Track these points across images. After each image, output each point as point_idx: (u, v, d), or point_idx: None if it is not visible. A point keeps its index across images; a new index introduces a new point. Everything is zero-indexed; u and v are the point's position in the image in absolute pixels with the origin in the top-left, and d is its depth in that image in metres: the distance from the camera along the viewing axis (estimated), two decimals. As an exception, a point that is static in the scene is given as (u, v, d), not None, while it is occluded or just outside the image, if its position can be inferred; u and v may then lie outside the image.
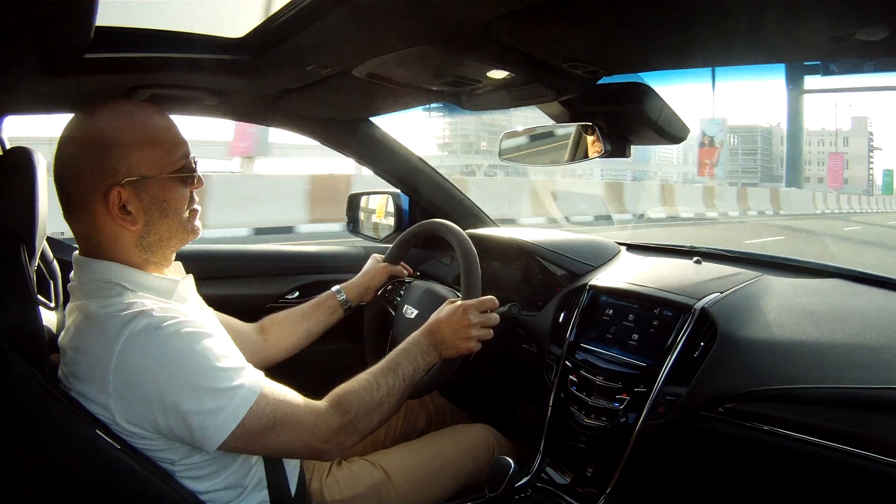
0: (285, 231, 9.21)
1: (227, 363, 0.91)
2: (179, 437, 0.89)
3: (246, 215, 8.86)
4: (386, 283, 1.60)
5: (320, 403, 0.99)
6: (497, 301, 1.25)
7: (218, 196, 8.43)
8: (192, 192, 1.01)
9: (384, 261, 1.60)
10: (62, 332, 0.96)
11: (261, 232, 8.95)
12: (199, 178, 1.01)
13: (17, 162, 0.98)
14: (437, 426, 1.54)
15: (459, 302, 1.24)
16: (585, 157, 1.28)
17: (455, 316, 1.20)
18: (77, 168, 0.92)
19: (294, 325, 1.42)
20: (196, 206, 1.02)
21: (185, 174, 0.98)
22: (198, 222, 1.03)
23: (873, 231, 16.93)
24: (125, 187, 0.92)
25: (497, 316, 1.25)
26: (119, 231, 0.95)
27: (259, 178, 12.11)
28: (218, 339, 0.94)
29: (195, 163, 1.01)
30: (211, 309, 1.17)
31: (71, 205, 0.94)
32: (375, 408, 1.03)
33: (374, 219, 2.13)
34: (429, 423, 1.55)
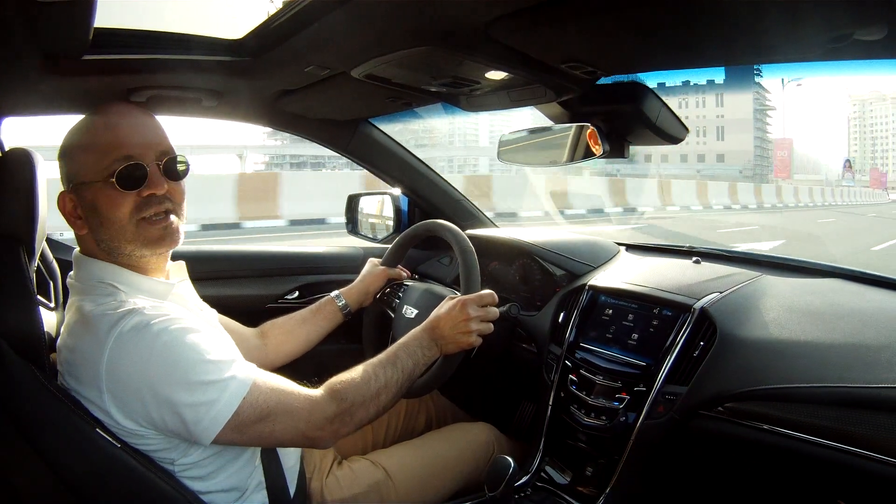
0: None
1: (218, 356, 0.92)
2: (175, 432, 0.90)
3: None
4: (384, 286, 1.60)
5: (315, 392, 1.00)
6: (495, 295, 1.25)
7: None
8: (144, 198, 0.97)
9: (382, 264, 1.60)
10: (61, 332, 0.97)
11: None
12: (147, 183, 0.96)
13: (16, 163, 0.98)
14: (437, 425, 1.54)
15: (458, 297, 1.24)
16: (584, 157, 1.28)
17: (454, 311, 1.20)
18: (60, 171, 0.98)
19: (294, 331, 1.43)
20: (147, 214, 0.97)
21: (120, 179, 0.94)
22: (164, 228, 0.99)
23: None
24: (71, 193, 0.95)
25: (496, 310, 1.25)
26: (78, 234, 0.98)
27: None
28: (208, 334, 0.94)
29: (160, 166, 0.98)
30: (213, 310, 1.18)
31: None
32: (372, 398, 1.03)
33: (374, 220, 2.13)
34: (429, 423, 1.55)
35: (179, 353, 0.88)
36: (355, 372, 1.06)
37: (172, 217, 1.00)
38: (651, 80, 1.19)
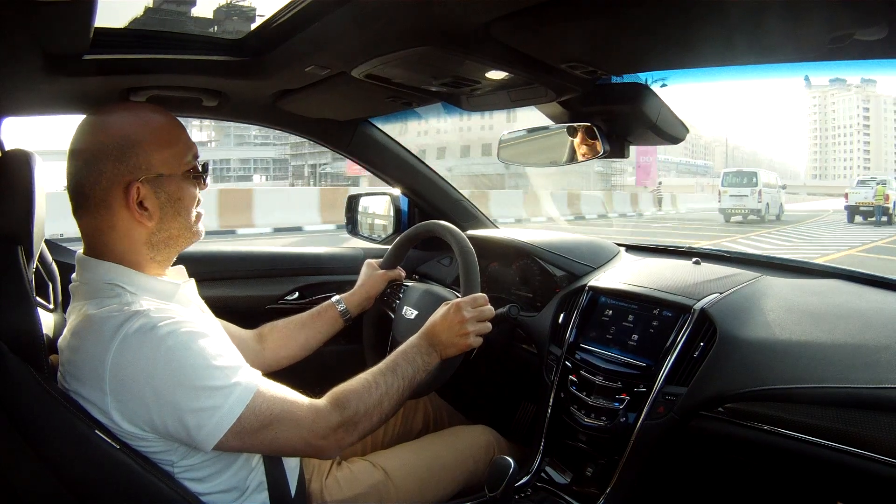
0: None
1: (223, 361, 0.91)
2: (176, 437, 0.89)
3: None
4: (385, 288, 1.60)
5: (319, 401, 1.00)
6: (486, 296, 1.25)
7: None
8: (199, 195, 1.03)
9: (382, 265, 1.59)
10: (62, 334, 0.96)
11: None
12: (206, 180, 1.04)
13: (15, 163, 0.98)
14: (434, 425, 1.54)
15: (451, 301, 1.24)
16: (584, 157, 1.28)
17: (449, 314, 1.20)
18: (97, 164, 0.93)
19: (293, 335, 1.42)
20: (200, 210, 1.04)
21: (197, 174, 1.01)
22: (201, 226, 1.05)
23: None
24: (144, 184, 0.94)
25: (491, 308, 1.24)
26: (132, 227, 0.96)
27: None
28: (214, 339, 0.94)
29: (202, 166, 1.03)
30: (211, 314, 1.18)
31: (87, 201, 0.95)
32: (375, 406, 1.03)
33: (373, 220, 2.13)
34: (426, 422, 1.55)
35: (185, 356, 0.88)
36: (356, 381, 1.06)
37: None
38: (652, 79, 1.19)
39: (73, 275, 0.99)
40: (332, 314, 1.48)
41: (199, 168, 1.02)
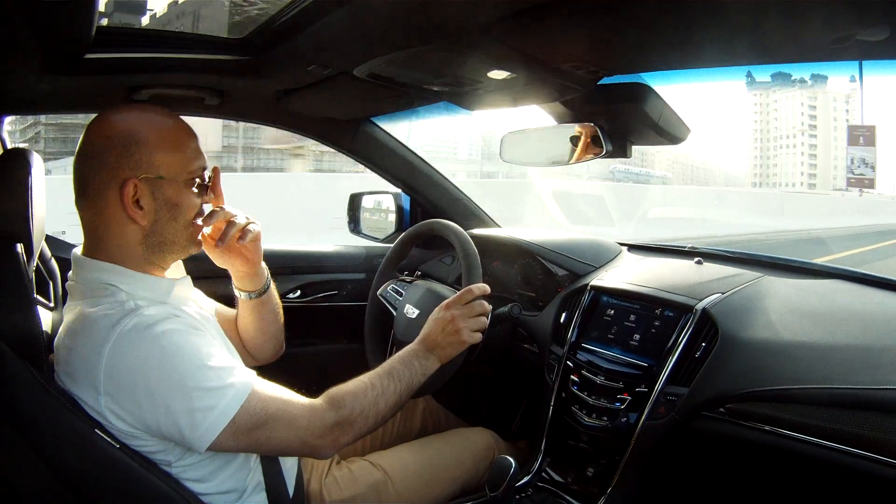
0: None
1: (217, 362, 0.91)
2: (170, 437, 0.89)
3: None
4: (388, 286, 1.59)
5: (315, 400, 0.99)
6: (477, 289, 1.22)
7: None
8: (203, 206, 1.02)
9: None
10: (58, 333, 0.97)
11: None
12: (208, 194, 1.02)
13: (15, 162, 0.98)
14: (432, 423, 1.54)
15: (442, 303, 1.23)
16: (586, 157, 1.28)
17: (438, 315, 1.19)
18: (100, 157, 0.93)
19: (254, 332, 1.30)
20: (200, 220, 1.02)
21: (201, 185, 1.00)
22: (200, 234, 1.04)
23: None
24: (142, 182, 0.94)
25: (483, 303, 1.21)
26: (126, 224, 0.95)
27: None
28: (209, 339, 0.94)
29: (210, 180, 1.03)
30: (213, 304, 1.17)
31: (86, 192, 0.95)
32: (371, 406, 1.03)
33: (376, 219, 2.13)
34: (425, 422, 1.54)
35: (180, 357, 0.88)
36: (353, 383, 1.05)
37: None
38: (653, 79, 1.18)
39: (70, 273, 0.99)
40: (243, 304, 1.29)
41: (205, 180, 1.01)
